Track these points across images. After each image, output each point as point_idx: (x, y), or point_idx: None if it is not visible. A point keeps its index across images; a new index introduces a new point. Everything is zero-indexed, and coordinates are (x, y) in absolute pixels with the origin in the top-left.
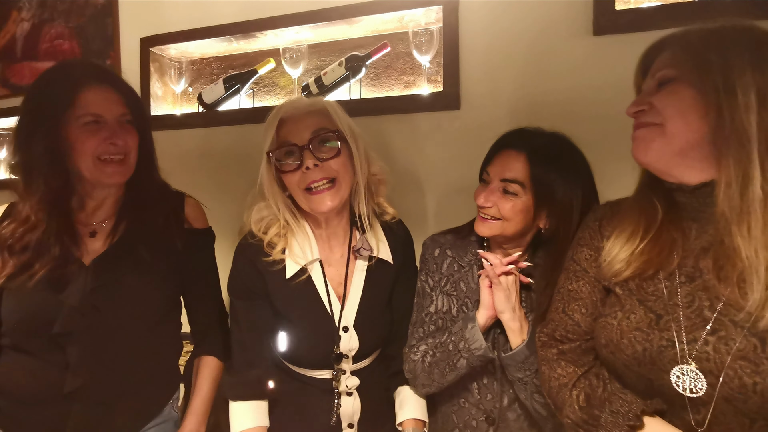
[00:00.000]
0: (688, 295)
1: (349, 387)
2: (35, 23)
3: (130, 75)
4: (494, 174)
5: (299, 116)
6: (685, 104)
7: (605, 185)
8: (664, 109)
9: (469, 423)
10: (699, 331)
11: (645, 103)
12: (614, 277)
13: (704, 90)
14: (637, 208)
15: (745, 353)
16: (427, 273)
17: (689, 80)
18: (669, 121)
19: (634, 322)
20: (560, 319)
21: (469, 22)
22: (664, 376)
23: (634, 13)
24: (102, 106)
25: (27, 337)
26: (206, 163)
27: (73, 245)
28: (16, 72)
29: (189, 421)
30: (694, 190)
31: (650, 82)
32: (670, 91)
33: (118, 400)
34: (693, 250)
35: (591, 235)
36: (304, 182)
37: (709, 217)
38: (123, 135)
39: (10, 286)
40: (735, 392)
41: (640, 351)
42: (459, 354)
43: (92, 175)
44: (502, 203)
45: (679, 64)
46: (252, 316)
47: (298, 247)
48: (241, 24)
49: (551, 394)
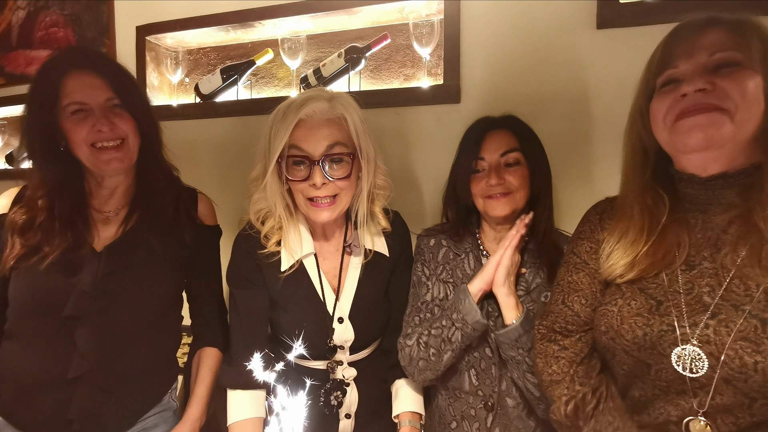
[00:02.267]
0: (687, 282)
1: (346, 378)
2: (30, 11)
3: (126, 64)
4: (491, 154)
5: (317, 123)
6: (756, 94)
7: (608, 180)
8: (735, 95)
9: (468, 413)
10: (699, 315)
11: (708, 82)
12: (621, 278)
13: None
14: (638, 205)
15: (746, 334)
16: (423, 263)
17: (759, 69)
18: (741, 108)
19: (634, 308)
20: (560, 311)
21: (471, 14)
22: (664, 360)
23: (639, 6)
24: (84, 93)
25: (35, 319)
26: (203, 155)
27: (85, 231)
28: (11, 60)
29: (193, 408)
30: (705, 182)
31: (702, 58)
32: (738, 77)
33: (121, 386)
34: (697, 243)
35: (592, 229)
36: (308, 194)
37: (716, 208)
38: (110, 120)
39: (21, 267)
40: (736, 372)
41: (641, 336)
42: (453, 327)
43: (91, 163)
44: (509, 176)
45: (744, 50)
46: (250, 305)
47: (293, 241)
48: (238, 13)
49: (543, 386)
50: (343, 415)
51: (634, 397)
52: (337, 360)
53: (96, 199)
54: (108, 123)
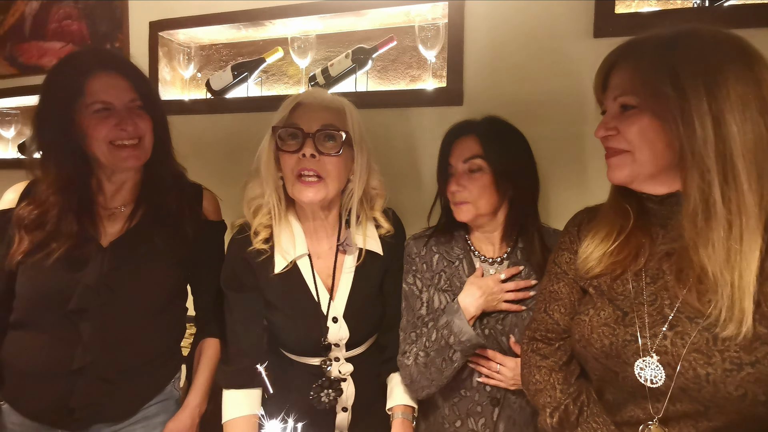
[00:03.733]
0: (651, 294)
1: (342, 373)
2: (44, 2)
3: (139, 59)
4: (456, 160)
5: (315, 106)
6: (650, 134)
7: (602, 181)
8: (631, 139)
9: (473, 410)
10: (659, 326)
11: (611, 127)
12: (587, 274)
13: (665, 120)
14: (612, 212)
15: (698, 346)
16: (414, 274)
17: (651, 109)
18: (638, 150)
19: (603, 318)
20: (542, 319)
21: (474, 19)
22: (628, 368)
23: (633, 17)
24: (111, 93)
25: (41, 312)
26: (213, 150)
27: (91, 227)
28: (24, 51)
29: (193, 396)
30: (662, 200)
31: (613, 105)
32: (633, 120)
33: (123, 377)
34: (658, 254)
35: (571, 240)
36: (297, 168)
37: (674, 224)
38: (134, 120)
39: (28, 262)
40: (690, 382)
41: (608, 345)
42: (451, 348)
43: (108, 160)
44: (469, 183)
45: (638, 92)
46: (244, 308)
47: (286, 242)
48: (249, 12)
49: (530, 394)
50: (340, 409)
51: (608, 401)
52: (334, 356)
53: (103, 195)
54: (132, 123)
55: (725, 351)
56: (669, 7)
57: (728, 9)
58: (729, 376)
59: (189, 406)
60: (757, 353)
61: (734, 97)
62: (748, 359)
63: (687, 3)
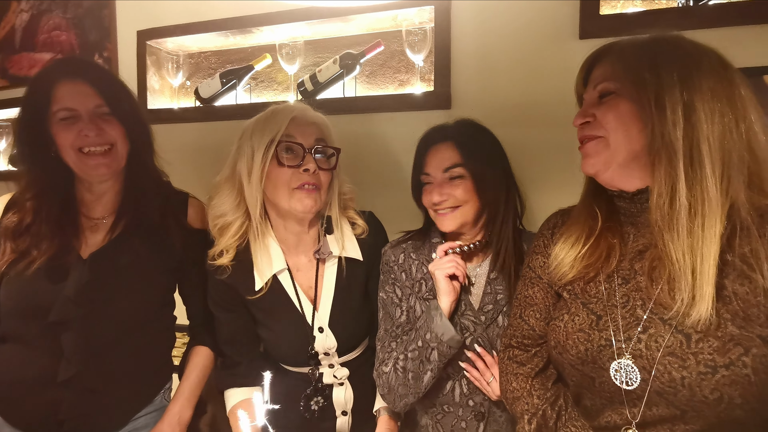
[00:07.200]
0: (624, 295)
1: (338, 378)
2: (34, 14)
3: (127, 67)
4: (435, 169)
5: (307, 120)
6: (625, 118)
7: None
8: (607, 122)
9: (458, 426)
10: (633, 329)
11: (589, 114)
12: (560, 280)
13: (641, 104)
14: (582, 215)
15: (672, 349)
16: (394, 283)
17: (628, 94)
18: (612, 133)
19: (577, 323)
20: (518, 325)
21: (461, 23)
22: (605, 373)
23: (618, 18)
24: (74, 100)
25: (23, 324)
26: (202, 158)
27: (74, 237)
28: (14, 63)
29: (174, 404)
30: (632, 197)
31: (592, 93)
32: (611, 105)
33: (110, 388)
34: (629, 253)
35: (545, 243)
36: (297, 181)
37: (645, 222)
38: (98, 126)
39: (11, 272)
40: (665, 386)
41: (583, 351)
42: (429, 347)
43: (78, 168)
44: (454, 190)
45: (618, 78)
46: (233, 326)
47: (262, 261)
48: (237, 19)
49: (508, 403)
50: (339, 413)
51: (585, 407)
52: (328, 363)
53: (86, 206)
54: (95, 128)
55: (699, 353)
56: (654, 7)
57: (712, 8)
58: (704, 379)
59: (168, 414)
60: (731, 355)
61: (705, 89)
62: (722, 362)
63: (672, 3)
